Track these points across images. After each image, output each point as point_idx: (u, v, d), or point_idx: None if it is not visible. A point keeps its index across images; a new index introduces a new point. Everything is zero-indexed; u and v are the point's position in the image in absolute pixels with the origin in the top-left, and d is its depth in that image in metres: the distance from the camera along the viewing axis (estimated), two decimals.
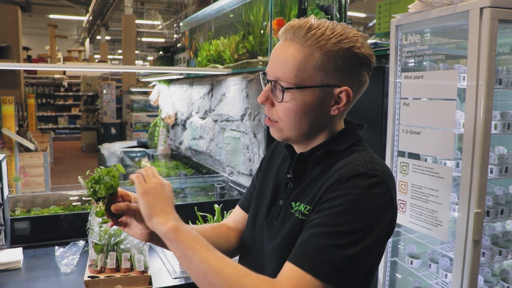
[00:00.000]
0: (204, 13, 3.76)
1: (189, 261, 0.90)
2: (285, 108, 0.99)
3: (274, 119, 1.03)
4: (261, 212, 1.14)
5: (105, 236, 1.85)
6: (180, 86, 4.29)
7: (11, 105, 5.88)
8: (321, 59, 0.96)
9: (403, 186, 1.99)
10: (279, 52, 1.00)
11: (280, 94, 0.99)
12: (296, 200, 1.03)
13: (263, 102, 1.03)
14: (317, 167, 1.04)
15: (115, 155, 4.66)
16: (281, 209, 1.07)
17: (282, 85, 0.98)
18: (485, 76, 1.57)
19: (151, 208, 0.97)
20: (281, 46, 1.00)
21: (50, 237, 2.32)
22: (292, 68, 0.97)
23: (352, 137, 1.06)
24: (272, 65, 1.01)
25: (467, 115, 1.63)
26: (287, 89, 0.98)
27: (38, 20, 14.97)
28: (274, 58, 1.01)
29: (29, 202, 2.91)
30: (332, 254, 0.85)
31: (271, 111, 1.03)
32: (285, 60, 0.98)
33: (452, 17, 1.69)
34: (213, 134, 3.43)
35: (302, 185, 1.05)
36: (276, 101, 1.01)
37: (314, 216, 0.91)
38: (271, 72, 1.01)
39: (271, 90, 1.02)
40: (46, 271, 1.94)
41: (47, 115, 15.13)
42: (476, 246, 1.65)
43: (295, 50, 0.97)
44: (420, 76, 1.87)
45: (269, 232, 1.08)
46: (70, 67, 8.45)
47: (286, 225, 1.02)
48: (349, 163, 0.96)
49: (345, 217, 0.87)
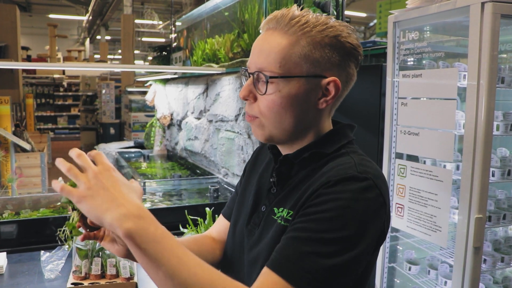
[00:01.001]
0: (199, 11, 3.69)
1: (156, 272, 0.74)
2: (268, 100, 0.91)
3: (255, 114, 0.95)
4: (242, 220, 1.06)
5: (90, 242, 1.78)
6: (176, 85, 4.22)
7: (7, 105, 5.82)
8: (307, 47, 0.89)
9: (401, 189, 1.91)
10: (261, 42, 0.93)
11: (264, 85, 0.91)
12: (279, 206, 0.95)
13: (245, 97, 0.95)
14: (303, 170, 0.96)
15: (110, 156, 4.59)
16: (263, 216, 0.98)
17: (265, 74, 0.90)
18: (486, 75, 1.50)
19: (94, 211, 0.76)
20: (264, 36, 0.94)
21: (37, 241, 2.25)
22: (276, 57, 0.90)
23: (342, 139, 0.97)
24: (254, 57, 0.94)
25: (467, 116, 1.56)
26: (271, 78, 0.90)
27: (38, 20, 14.94)
28: (256, 49, 0.94)
29: (19, 204, 2.84)
30: (315, 262, 0.77)
31: (252, 106, 0.95)
32: (269, 49, 0.91)
33: (452, 13, 1.62)
34: (208, 135, 3.36)
35: (286, 189, 0.96)
36: (259, 94, 0.93)
37: (298, 220, 0.83)
38: (253, 63, 0.94)
39: (253, 84, 0.94)
40: (29, 277, 1.87)
41: (47, 115, 15.09)
42: (477, 253, 1.58)
43: (279, 38, 0.90)
44: (418, 75, 1.80)
45: (249, 241, 1.00)
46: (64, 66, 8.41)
47: (268, 233, 0.94)
48: (337, 166, 0.88)
49: (332, 223, 0.79)
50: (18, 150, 6.12)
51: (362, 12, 12.18)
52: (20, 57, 8.10)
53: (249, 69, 0.95)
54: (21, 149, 6.14)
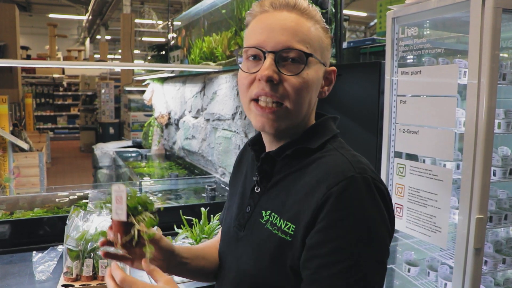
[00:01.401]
0: (197, 9, 3.65)
1: None
2: (300, 84, 0.85)
3: (281, 97, 0.85)
4: (229, 222, 1.03)
5: (81, 242, 1.74)
6: (174, 84, 4.18)
7: (4, 104, 5.79)
8: (321, 33, 0.89)
9: (400, 189, 1.87)
10: (282, 20, 0.86)
11: (296, 65, 0.85)
12: (267, 208, 0.91)
13: (271, 76, 0.84)
14: (286, 168, 0.92)
15: (107, 156, 4.56)
16: (248, 217, 0.95)
17: (305, 52, 0.84)
18: (487, 73, 1.45)
19: None
20: (280, 15, 0.87)
21: (30, 241, 2.21)
22: (304, 37, 0.85)
23: (327, 132, 0.93)
24: (274, 35, 0.85)
25: (468, 113, 1.52)
26: (310, 57, 0.85)
27: (38, 20, 14.91)
28: (276, 26, 0.85)
29: (14, 204, 2.80)
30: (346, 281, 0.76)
31: (277, 87, 0.85)
32: (295, 28, 0.85)
33: (451, 8, 1.58)
34: (205, 134, 3.32)
35: (270, 189, 0.93)
36: (287, 75, 0.85)
37: (320, 252, 0.79)
38: (274, 42, 0.85)
39: (274, 64, 0.85)
40: (20, 278, 1.83)
41: (46, 114, 15.07)
42: (478, 255, 1.53)
43: (302, 19, 0.87)
44: (417, 72, 1.75)
45: (239, 244, 0.96)
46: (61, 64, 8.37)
47: (254, 236, 0.91)
48: (332, 168, 0.83)
49: (354, 243, 0.77)
50: (17, 150, 6.09)
51: (362, 12, 12.13)
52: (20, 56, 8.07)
53: (265, 48, 0.86)
54: (19, 148, 6.11)
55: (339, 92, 2.27)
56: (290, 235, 0.83)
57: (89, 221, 1.81)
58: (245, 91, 0.89)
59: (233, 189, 1.09)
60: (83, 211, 1.84)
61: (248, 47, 0.88)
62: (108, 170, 4.54)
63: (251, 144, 1.00)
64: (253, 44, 0.87)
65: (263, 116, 0.87)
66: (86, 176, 8.39)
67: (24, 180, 5.98)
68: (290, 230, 0.84)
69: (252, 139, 1.02)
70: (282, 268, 0.84)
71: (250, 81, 0.88)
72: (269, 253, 0.86)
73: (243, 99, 0.91)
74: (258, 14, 0.90)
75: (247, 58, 0.89)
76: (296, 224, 0.83)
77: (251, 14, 0.92)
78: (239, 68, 0.92)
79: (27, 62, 4.34)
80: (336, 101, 2.29)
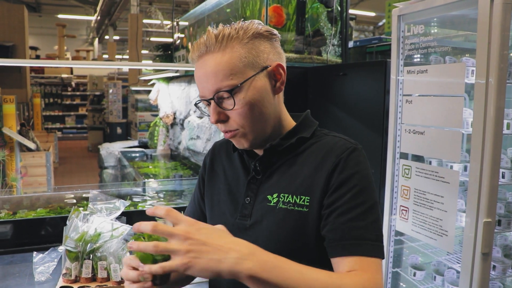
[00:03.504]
0: (202, 8, 3.63)
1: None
2: (241, 111, 0.99)
3: (234, 128, 1.01)
4: (226, 218, 1.10)
5: (80, 243, 1.72)
6: (179, 84, 4.16)
7: (12, 104, 5.82)
8: (242, 50, 0.98)
9: (406, 191, 1.82)
10: (203, 70, 0.98)
11: (230, 100, 0.98)
12: (272, 192, 1.03)
13: (217, 120, 1.00)
14: (283, 156, 1.06)
15: (112, 155, 4.55)
16: (252, 206, 1.05)
17: (228, 90, 0.97)
18: (496, 72, 1.41)
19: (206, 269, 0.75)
20: (202, 64, 0.99)
21: (31, 242, 2.20)
22: (225, 73, 0.97)
23: (313, 123, 1.10)
24: (205, 84, 0.99)
25: (476, 114, 1.47)
26: (235, 89, 0.97)
27: (48, 20, 15.02)
28: (202, 77, 0.99)
29: (18, 203, 2.80)
30: (373, 230, 0.94)
31: (228, 124, 1.01)
32: (214, 71, 0.97)
33: (459, 5, 1.53)
34: (210, 134, 3.29)
35: (272, 175, 1.05)
36: (228, 111, 0.99)
37: (337, 204, 0.94)
38: (207, 90, 0.99)
39: (217, 106, 0.99)
40: (20, 279, 1.81)
41: (55, 114, 15.17)
42: (486, 259, 1.49)
43: (217, 57, 0.97)
44: (424, 71, 1.71)
45: (249, 233, 1.03)
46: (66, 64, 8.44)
47: (268, 219, 1.01)
48: (334, 145, 1.01)
49: (366, 193, 0.95)
50: (24, 150, 6.12)
51: (371, 12, 12.05)
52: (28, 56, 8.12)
53: (206, 97, 1.00)
54: (26, 148, 6.14)
55: (344, 92, 2.23)
56: (306, 206, 0.98)
57: (89, 221, 1.79)
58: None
59: (212, 190, 1.19)
60: (83, 212, 1.81)
61: (199, 99, 1.03)
62: (113, 170, 4.54)
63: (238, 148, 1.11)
64: (200, 96, 1.02)
65: (233, 140, 1.05)
66: (93, 176, 8.42)
67: (31, 180, 6.01)
68: (306, 202, 0.98)
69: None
70: (304, 236, 0.98)
71: None
72: (290, 227, 0.98)
73: None
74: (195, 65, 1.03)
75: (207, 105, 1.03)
76: (310, 195, 0.98)
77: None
78: None
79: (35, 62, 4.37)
80: (341, 101, 2.25)
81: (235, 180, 1.12)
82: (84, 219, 1.80)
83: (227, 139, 1.17)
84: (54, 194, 3.00)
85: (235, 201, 1.09)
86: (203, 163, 1.28)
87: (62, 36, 12.64)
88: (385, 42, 2.70)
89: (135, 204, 2.56)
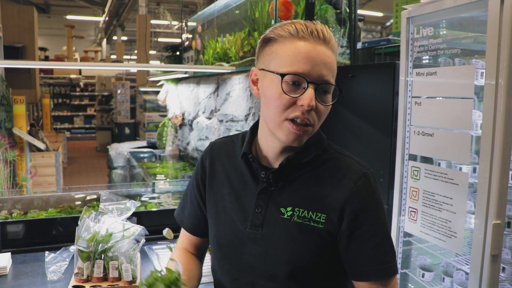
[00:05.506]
0: (210, 10, 3.65)
1: None
2: (326, 111, 1.01)
3: (311, 122, 0.99)
4: (234, 226, 1.09)
5: (92, 243, 1.74)
6: (187, 85, 4.19)
7: (22, 104, 5.88)
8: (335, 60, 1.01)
9: (414, 192, 1.83)
10: (322, 56, 0.97)
11: (328, 97, 1.00)
12: (286, 205, 1.03)
13: (313, 106, 0.96)
14: (298, 169, 1.06)
15: (122, 156, 4.58)
16: (263, 217, 1.05)
17: (339, 88, 1.01)
18: (505, 73, 1.41)
19: None
20: (319, 49, 0.97)
21: (43, 241, 2.23)
22: (334, 73, 1.00)
23: (323, 138, 1.11)
24: (320, 68, 0.96)
25: (485, 116, 1.47)
26: (335, 90, 1.01)
27: (57, 21, 15.12)
28: (319, 61, 0.96)
29: (29, 203, 2.83)
30: (390, 251, 1.02)
31: (311, 114, 0.98)
32: (330, 65, 0.98)
33: (468, 7, 1.53)
34: (219, 135, 3.31)
35: (285, 188, 1.05)
36: (321, 104, 0.99)
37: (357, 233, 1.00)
38: (318, 75, 0.96)
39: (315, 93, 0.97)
40: (32, 278, 1.84)
41: (63, 115, 15.27)
42: (495, 261, 1.49)
43: (332, 56, 0.99)
44: (433, 73, 1.71)
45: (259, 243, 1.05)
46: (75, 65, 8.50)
47: (280, 231, 1.03)
48: (349, 168, 1.04)
49: (382, 219, 1.03)
50: (34, 150, 6.17)
51: (378, 12, 12.01)
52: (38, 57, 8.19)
53: (311, 79, 0.96)
54: (36, 148, 6.20)
55: (353, 93, 2.24)
56: (321, 223, 1.01)
57: (100, 222, 1.81)
58: (281, 111, 0.97)
59: (215, 195, 1.16)
60: (95, 212, 1.84)
61: (293, 74, 0.95)
62: (122, 171, 4.57)
63: (248, 153, 1.08)
64: (297, 71, 0.95)
65: (296, 134, 0.99)
66: (101, 176, 8.47)
67: (40, 180, 6.06)
68: (322, 219, 1.01)
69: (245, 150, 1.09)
70: (318, 250, 1.01)
71: (290, 103, 0.97)
72: (305, 240, 1.01)
73: (277, 117, 0.99)
74: (295, 38, 0.97)
75: (285, 81, 0.96)
76: (326, 213, 1.01)
77: (284, 33, 0.99)
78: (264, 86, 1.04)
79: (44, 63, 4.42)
80: (349, 103, 2.26)
81: (242, 187, 1.10)
82: (95, 220, 1.83)
83: (224, 140, 1.21)
84: (64, 194, 3.02)
85: (243, 209, 1.08)
86: (200, 164, 1.22)
87: (70, 36, 12.74)
88: (393, 43, 2.70)
89: (145, 204, 2.58)
